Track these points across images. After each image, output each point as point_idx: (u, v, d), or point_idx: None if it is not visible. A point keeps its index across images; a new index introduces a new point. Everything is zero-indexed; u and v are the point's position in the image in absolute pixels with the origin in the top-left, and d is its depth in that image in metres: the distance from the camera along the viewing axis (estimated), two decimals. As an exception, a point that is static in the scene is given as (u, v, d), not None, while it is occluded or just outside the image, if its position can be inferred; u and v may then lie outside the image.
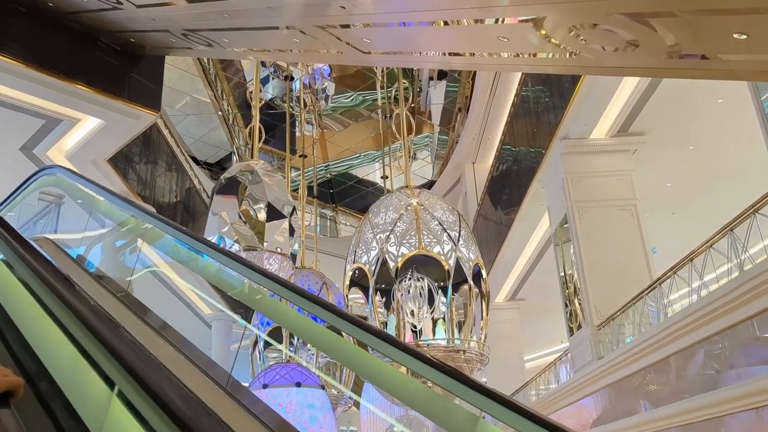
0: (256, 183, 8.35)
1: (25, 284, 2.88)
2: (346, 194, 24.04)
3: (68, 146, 10.05)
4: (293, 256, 8.96)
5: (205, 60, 17.77)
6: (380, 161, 23.24)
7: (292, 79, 16.36)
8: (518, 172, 13.29)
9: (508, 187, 14.45)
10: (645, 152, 10.44)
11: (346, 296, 9.03)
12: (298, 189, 14.15)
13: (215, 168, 23.12)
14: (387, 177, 21.84)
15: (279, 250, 8.25)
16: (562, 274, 10.84)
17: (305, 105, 20.85)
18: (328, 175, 22.42)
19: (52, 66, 8.53)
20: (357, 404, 10.47)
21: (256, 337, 10.33)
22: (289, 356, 9.75)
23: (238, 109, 21.68)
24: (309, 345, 9.77)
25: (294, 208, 9.11)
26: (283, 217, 8.29)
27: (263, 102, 13.55)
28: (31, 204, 5.83)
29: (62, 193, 5.83)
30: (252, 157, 9.98)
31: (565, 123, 9.85)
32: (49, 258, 3.20)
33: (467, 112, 20.69)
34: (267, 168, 8.95)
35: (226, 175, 8.61)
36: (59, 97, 8.79)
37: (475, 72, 18.73)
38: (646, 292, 7.95)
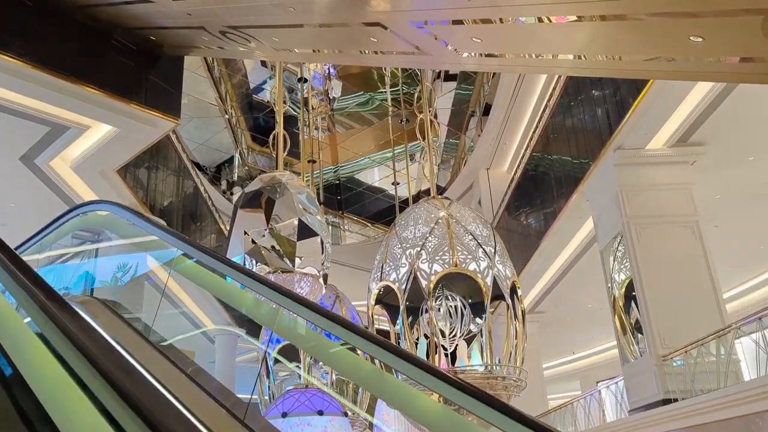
0: (284, 197, 7.46)
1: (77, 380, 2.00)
2: (354, 200, 23.12)
3: (74, 155, 9.05)
4: (325, 277, 8.04)
5: (211, 59, 16.78)
6: (387, 165, 22.37)
7: (305, 81, 15.42)
8: (554, 182, 12.42)
9: (539, 198, 13.59)
10: (700, 163, 9.64)
11: (371, 315, 8.22)
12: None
13: (214, 171, 22.12)
14: (398, 183, 21.07)
15: (313, 271, 7.39)
16: (613, 296, 9.96)
17: (313, 107, 19.94)
18: (336, 181, 21.47)
19: (59, 66, 7.53)
20: (370, 426, 9.77)
21: (265, 355, 9.53)
22: (307, 382, 8.93)
23: (241, 111, 20.70)
24: (321, 362, 9.00)
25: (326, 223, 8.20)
26: (315, 234, 7.39)
27: (287, 106, 12.61)
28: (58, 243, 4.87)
29: (100, 230, 4.87)
30: (276, 167, 9.09)
31: (623, 132, 8.99)
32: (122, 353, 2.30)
33: (482, 116, 19.86)
34: (294, 180, 8.07)
35: (250, 187, 7.73)
36: (67, 101, 7.79)
37: (493, 74, 17.90)
38: (739, 323, 7.10)
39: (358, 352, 4.29)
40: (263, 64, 21.42)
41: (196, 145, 18.38)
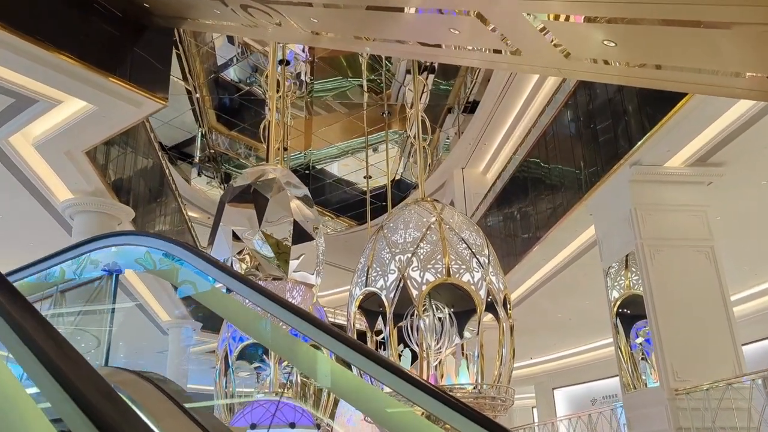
0: (278, 194, 6.58)
1: None
2: (318, 192, 22.21)
3: (38, 132, 7.94)
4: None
5: (182, 31, 15.55)
6: (358, 158, 21.52)
7: (288, 63, 14.41)
8: (550, 191, 11.82)
9: (529, 206, 12.98)
10: (713, 184, 9.16)
11: (354, 324, 7.49)
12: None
13: (173, 152, 20.85)
14: (370, 177, 20.23)
15: (307, 279, 6.57)
16: (616, 318, 9.41)
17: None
18: (306, 171, 20.49)
19: (31, 30, 6.42)
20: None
21: (226, 352, 8.74)
22: (279, 390, 8.19)
23: (207, 88, 19.45)
24: (285, 362, 8.29)
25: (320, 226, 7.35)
26: (310, 238, 6.55)
27: (283, 94, 11.59)
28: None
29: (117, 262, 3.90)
30: (267, 160, 8.19)
31: (645, 146, 8.40)
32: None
33: (460, 113, 19.21)
34: (288, 175, 7.19)
35: (240, 182, 6.83)
36: (38, 70, 6.69)
37: (479, 71, 17.20)
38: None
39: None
40: (230, 40, 20.21)
41: (159, 123, 17.14)
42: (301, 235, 6.40)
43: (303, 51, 20.40)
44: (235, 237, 6.35)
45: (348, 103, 20.50)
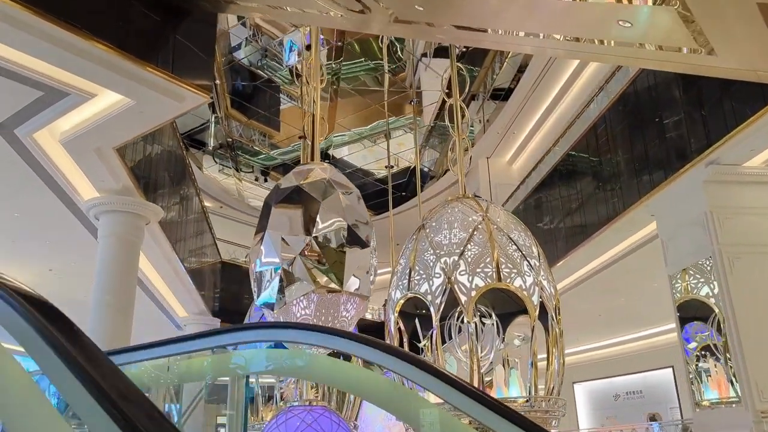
0: (330, 197, 5.87)
1: None
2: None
3: (65, 128, 7.19)
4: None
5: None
6: (382, 146, 20.76)
7: (308, 48, 13.59)
8: (601, 189, 11.09)
9: (576, 203, 12.24)
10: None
11: (395, 328, 6.85)
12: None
13: (186, 139, 20.06)
14: (392, 167, 19.48)
15: (360, 290, 5.88)
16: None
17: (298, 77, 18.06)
18: (327, 161, 19.72)
19: (66, 15, 5.64)
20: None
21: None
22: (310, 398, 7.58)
23: (224, 73, 18.63)
24: None
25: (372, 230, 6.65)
26: (365, 245, 5.84)
27: (308, 82, 10.78)
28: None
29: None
30: (312, 158, 7.45)
31: (726, 144, 7.68)
32: None
33: (485, 101, 18.45)
34: (338, 176, 6.47)
35: (287, 183, 6.12)
36: (72, 61, 5.91)
37: (506, 58, 16.40)
38: None
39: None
40: (243, 24, 19.37)
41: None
42: (354, 241, 5.74)
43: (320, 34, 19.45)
44: (284, 243, 5.69)
45: (367, 89, 19.71)
